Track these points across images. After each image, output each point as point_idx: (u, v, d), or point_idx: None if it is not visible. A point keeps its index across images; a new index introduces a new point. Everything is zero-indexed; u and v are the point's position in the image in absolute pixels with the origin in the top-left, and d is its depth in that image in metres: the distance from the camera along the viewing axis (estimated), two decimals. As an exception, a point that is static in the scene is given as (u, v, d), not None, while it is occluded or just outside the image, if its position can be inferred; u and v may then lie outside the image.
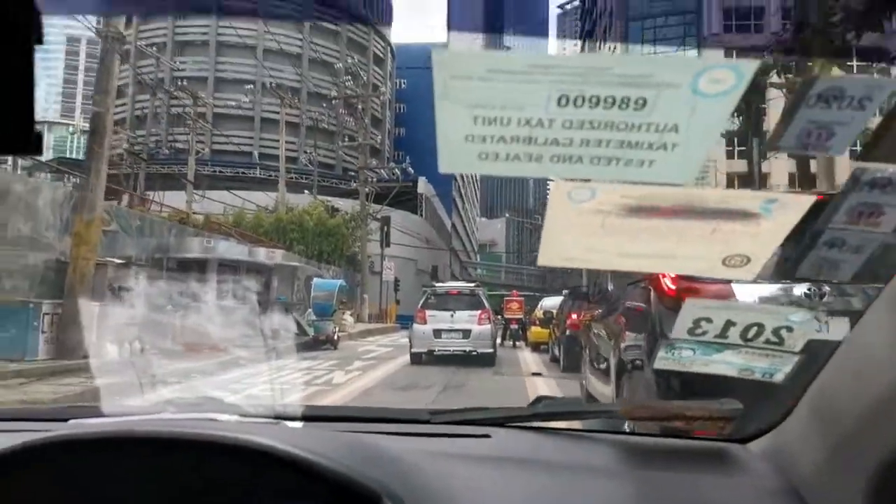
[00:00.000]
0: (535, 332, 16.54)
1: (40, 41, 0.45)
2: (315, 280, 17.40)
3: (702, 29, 38.03)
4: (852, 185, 0.62)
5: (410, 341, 12.39)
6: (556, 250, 0.72)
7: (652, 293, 3.53)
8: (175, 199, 24.62)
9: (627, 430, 1.21)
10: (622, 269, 0.73)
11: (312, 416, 1.21)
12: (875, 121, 0.57)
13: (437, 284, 14.53)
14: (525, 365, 12.83)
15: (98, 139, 10.18)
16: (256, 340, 1.31)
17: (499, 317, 15.81)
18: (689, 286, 3.07)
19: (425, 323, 12.26)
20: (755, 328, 0.86)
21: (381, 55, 58.16)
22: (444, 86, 0.53)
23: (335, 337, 15.33)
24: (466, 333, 12.10)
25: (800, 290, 3.14)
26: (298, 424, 1.10)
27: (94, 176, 10.12)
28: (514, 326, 18.41)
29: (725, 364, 0.91)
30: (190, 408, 1.08)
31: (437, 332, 12.13)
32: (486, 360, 11.95)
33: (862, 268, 0.72)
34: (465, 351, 11.95)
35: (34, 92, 0.45)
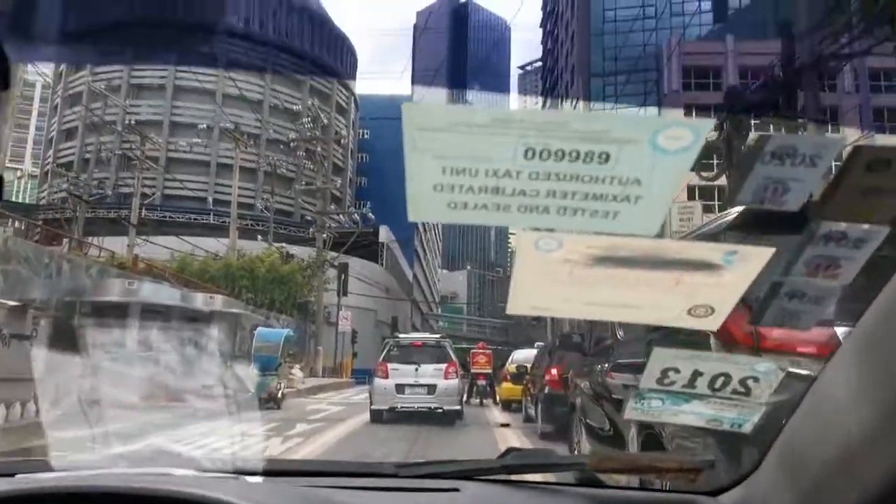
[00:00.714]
0: (507, 388, 14.89)
1: (6, 86, 0.45)
2: (258, 330, 15.43)
3: (662, 87, 38.79)
4: (808, 237, 0.64)
5: (371, 397, 11.55)
6: (524, 299, 0.72)
7: (712, 341, 2.35)
8: (120, 245, 23.31)
9: (598, 483, 1.20)
10: (589, 318, 0.74)
11: (273, 470, 1.17)
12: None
13: (401, 336, 13.51)
14: (496, 426, 11.75)
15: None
16: (185, 398, 1.25)
17: (463, 371, 14.23)
18: (774, 337, 1.95)
19: (387, 377, 11.35)
20: (722, 378, 0.87)
21: (344, 105, 57.12)
22: (412, 137, 0.54)
23: (279, 394, 13.83)
24: (432, 389, 11.22)
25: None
26: (259, 479, 1.06)
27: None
28: (481, 382, 16.32)
29: (694, 414, 0.91)
30: (144, 462, 1.04)
31: (400, 388, 11.24)
32: (452, 418, 11.28)
33: (825, 314, 0.73)
34: (430, 408, 11.14)
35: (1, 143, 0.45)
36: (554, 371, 9.08)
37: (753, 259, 0.63)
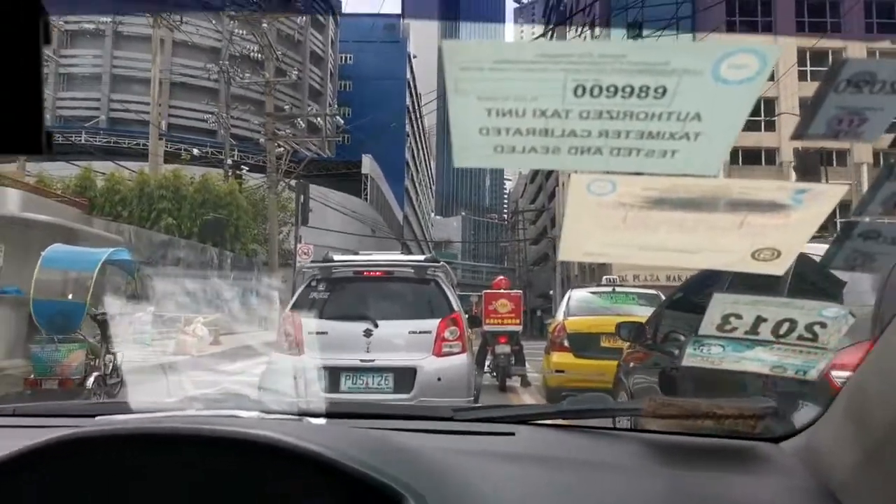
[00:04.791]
0: (560, 363, 7.36)
1: (48, 41, 0.45)
2: (48, 251, 7.32)
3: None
4: (887, 174, 0.59)
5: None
6: (576, 245, 0.70)
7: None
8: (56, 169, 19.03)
9: (654, 429, 1.19)
10: (645, 264, 0.71)
11: (335, 412, 1.21)
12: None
13: (339, 258, 5.89)
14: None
15: None
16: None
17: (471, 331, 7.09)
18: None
19: (300, 349, 4.99)
20: (787, 324, 0.83)
21: (321, 19, 48.40)
22: (454, 78, 0.52)
23: (91, 379, 6.37)
24: (404, 379, 4.98)
25: None
26: (321, 421, 1.10)
27: None
28: (503, 347, 9.01)
29: (756, 361, 0.89)
30: (213, 404, 1.09)
31: (333, 377, 4.96)
32: None
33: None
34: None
35: (42, 91, 0.45)
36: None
37: (825, 197, 0.58)
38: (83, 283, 7.39)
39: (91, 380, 6.40)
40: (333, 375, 4.94)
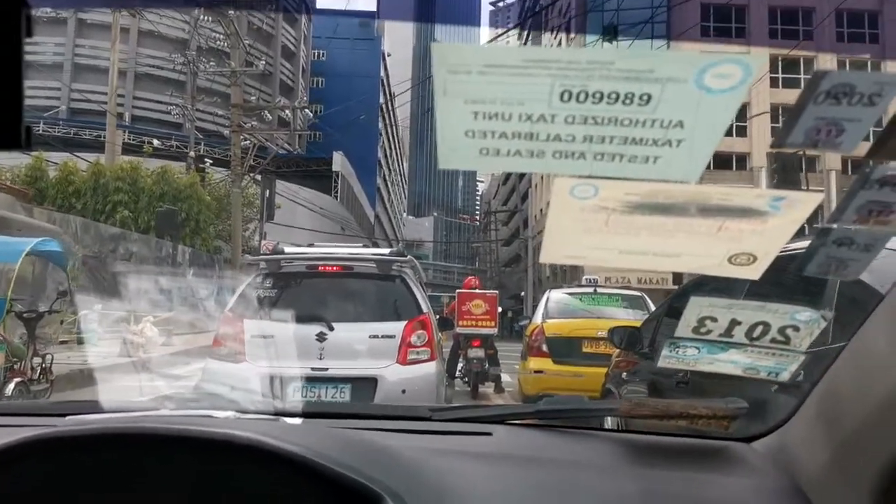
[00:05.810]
0: (538, 369, 6.73)
1: (29, 34, 0.44)
2: None
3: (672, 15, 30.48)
4: (862, 182, 0.61)
5: None
6: (558, 247, 0.71)
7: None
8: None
9: (630, 429, 1.21)
10: (625, 268, 0.72)
11: (312, 412, 1.20)
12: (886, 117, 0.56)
13: (291, 249, 5.10)
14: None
15: None
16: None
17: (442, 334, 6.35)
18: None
19: (242, 353, 4.34)
20: (761, 327, 0.85)
21: (293, 12, 48.23)
22: (442, 81, 0.52)
23: (11, 385, 5.73)
24: (362, 391, 4.33)
25: None
26: (297, 421, 1.09)
27: None
28: (476, 350, 8.35)
29: (730, 363, 0.90)
30: (188, 404, 1.08)
31: (281, 388, 3.80)
32: None
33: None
34: None
35: (23, 86, 0.44)
36: None
37: (802, 205, 0.60)
38: (5, 276, 6.64)
39: (11, 385, 5.72)
40: (280, 389, 3.99)
